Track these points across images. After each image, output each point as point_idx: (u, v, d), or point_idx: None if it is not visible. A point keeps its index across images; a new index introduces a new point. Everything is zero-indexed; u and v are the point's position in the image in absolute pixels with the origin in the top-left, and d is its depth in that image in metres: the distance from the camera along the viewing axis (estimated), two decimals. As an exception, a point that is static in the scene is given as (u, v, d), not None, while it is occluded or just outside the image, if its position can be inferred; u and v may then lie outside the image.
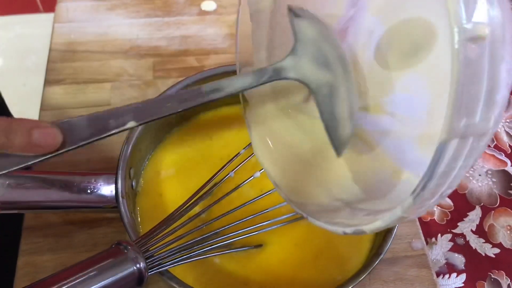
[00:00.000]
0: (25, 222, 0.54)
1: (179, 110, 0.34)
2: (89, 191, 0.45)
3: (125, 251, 0.38)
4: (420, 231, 0.56)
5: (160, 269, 0.40)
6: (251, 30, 0.43)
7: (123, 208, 0.44)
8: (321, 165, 0.43)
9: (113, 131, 0.33)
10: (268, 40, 0.44)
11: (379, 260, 0.42)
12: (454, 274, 0.56)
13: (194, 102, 0.34)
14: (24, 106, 0.62)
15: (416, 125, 0.36)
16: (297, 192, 0.42)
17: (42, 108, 0.64)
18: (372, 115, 0.39)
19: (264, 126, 0.45)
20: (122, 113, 0.33)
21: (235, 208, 0.45)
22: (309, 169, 0.43)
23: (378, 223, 0.31)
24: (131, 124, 0.33)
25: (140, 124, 0.34)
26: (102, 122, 0.33)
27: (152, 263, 0.39)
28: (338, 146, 0.37)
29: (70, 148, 0.33)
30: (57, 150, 0.33)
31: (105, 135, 0.33)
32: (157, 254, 0.40)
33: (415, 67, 0.35)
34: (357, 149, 0.40)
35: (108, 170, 0.48)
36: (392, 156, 0.38)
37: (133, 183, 0.50)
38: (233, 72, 0.46)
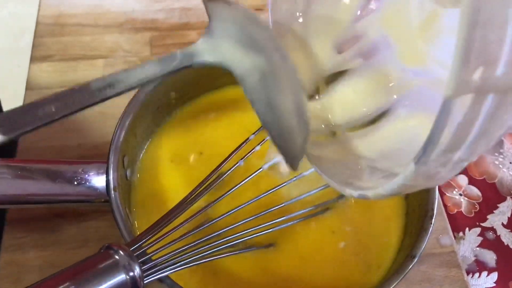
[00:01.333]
0: (8, 215, 0.49)
1: (63, 114, 0.27)
2: (76, 182, 0.40)
3: (116, 256, 0.32)
4: (449, 226, 0.52)
5: (159, 276, 0.34)
6: None
7: (116, 203, 0.38)
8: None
9: None
10: None
11: (413, 264, 0.37)
12: (485, 273, 0.51)
13: (80, 105, 0.28)
14: (20, 88, 0.58)
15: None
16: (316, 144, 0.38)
17: (28, 87, 0.59)
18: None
19: None
20: None
21: (244, 204, 0.39)
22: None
23: (379, 190, 0.27)
24: None
25: (8, 139, 0.26)
26: None
27: (149, 269, 0.34)
28: (289, 156, 0.32)
29: None
30: None
31: None
32: (155, 258, 0.34)
33: None
34: None
35: (101, 157, 0.42)
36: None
37: (127, 173, 0.44)
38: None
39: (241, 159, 0.42)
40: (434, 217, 0.39)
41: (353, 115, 0.40)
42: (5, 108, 0.57)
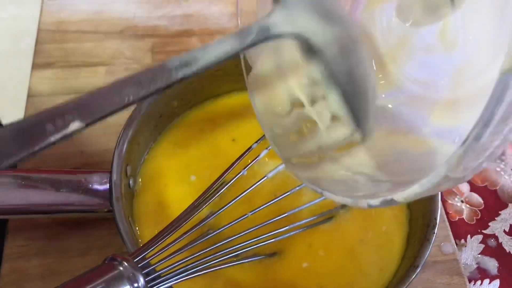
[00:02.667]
0: (10, 223, 0.49)
1: (140, 97, 0.26)
2: (79, 192, 0.40)
3: (120, 267, 0.32)
4: (450, 234, 0.52)
5: (163, 287, 0.34)
6: (256, 3, 0.37)
7: (119, 212, 0.38)
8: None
9: (49, 141, 0.24)
10: None
11: (416, 274, 0.36)
12: (487, 280, 0.51)
13: (159, 83, 0.26)
14: (20, 91, 0.58)
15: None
16: (309, 167, 0.38)
17: (30, 95, 0.59)
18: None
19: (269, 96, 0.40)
20: (61, 112, 0.25)
21: (249, 213, 0.39)
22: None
23: (415, 188, 0.25)
24: (75, 125, 0.25)
25: (88, 125, 0.25)
26: (33, 129, 0.24)
27: (153, 280, 0.34)
28: (362, 122, 0.31)
29: None
30: None
31: (37, 148, 0.24)
32: (159, 269, 0.34)
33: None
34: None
35: (104, 164, 0.42)
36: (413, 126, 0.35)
37: (130, 182, 0.44)
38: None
39: (245, 168, 0.42)
40: (436, 227, 0.39)
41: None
42: (5, 112, 0.57)
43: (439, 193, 0.42)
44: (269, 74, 0.40)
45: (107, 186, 0.40)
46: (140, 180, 0.46)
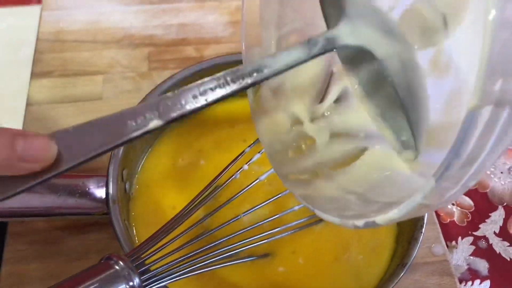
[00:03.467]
0: (9, 227, 0.50)
1: (218, 98, 0.28)
2: (77, 195, 0.41)
3: (116, 266, 0.33)
4: (441, 235, 0.52)
5: (158, 285, 0.35)
6: (259, 5, 0.38)
7: (115, 215, 0.39)
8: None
9: (131, 136, 0.27)
10: (278, 16, 0.39)
11: (404, 271, 0.37)
12: (478, 281, 0.52)
13: (235, 86, 0.28)
14: (18, 100, 0.59)
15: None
16: (304, 184, 0.38)
17: (28, 103, 0.59)
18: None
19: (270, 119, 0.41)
20: (142, 111, 0.27)
21: (242, 214, 0.40)
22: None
23: (393, 213, 0.26)
24: (154, 123, 0.27)
25: (167, 123, 0.27)
26: (116, 125, 0.26)
27: (148, 279, 0.35)
28: (419, 137, 0.31)
29: (72, 165, 0.26)
30: (53, 168, 0.26)
31: (120, 142, 0.27)
32: (154, 269, 0.35)
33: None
34: None
35: (102, 170, 0.43)
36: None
37: (127, 186, 0.45)
38: (236, 63, 0.40)
39: (238, 170, 0.43)
40: (424, 226, 0.40)
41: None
42: (4, 120, 0.57)
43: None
44: (271, 99, 0.42)
45: (104, 189, 0.41)
46: (136, 184, 0.47)
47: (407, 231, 0.42)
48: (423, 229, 0.40)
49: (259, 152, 0.44)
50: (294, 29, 0.40)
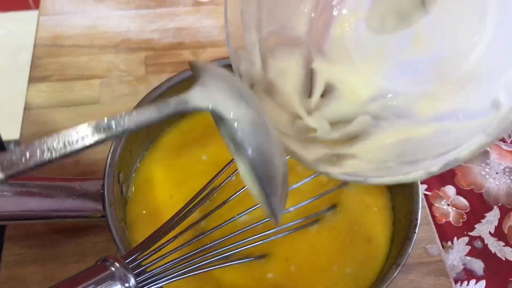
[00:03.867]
0: (7, 231, 0.50)
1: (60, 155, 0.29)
2: (74, 198, 0.41)
3: (112, 268, 0.33)
4: (436, 236, 0.53)
5: (154, 287, 0.36)
6: (241, 8, 0.39)
7: (111, 218, 0.40)
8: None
9: None
10: (257, 19, 0.41)
11: (398, 271, 0.38)
12: (473, 281, 0.52)
13: (79, 145, 0.29)
14: (16, 104, 0.59)
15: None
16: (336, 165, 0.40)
17: (26, 108, 0.60)
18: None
19: None
20: None
21: (237, 215, 0.40)
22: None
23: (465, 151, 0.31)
24: None
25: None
26: None
27: (144, 280, 0.35)
28: (272, 201, 0.33)
29: None
30: None
31: None
32: (150, 270, 0.36)
33: None
34: None
35: (99, 173, 0.44)
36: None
37: (123, 189, 0.45)
38: (231, 66, 0.41)
39: (233, 173, 0.44)
40: (417, 226, 0.41)
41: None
42: (2, 124, 0.58)
43: (420, 195, 0.43)
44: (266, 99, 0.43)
45: (101, 192, 0.41)
46: (132, 187, 0.48)
47: (402, 231, 0.42)
48: (417, 229, 0.40)
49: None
50: (272, 32, 0.41)
